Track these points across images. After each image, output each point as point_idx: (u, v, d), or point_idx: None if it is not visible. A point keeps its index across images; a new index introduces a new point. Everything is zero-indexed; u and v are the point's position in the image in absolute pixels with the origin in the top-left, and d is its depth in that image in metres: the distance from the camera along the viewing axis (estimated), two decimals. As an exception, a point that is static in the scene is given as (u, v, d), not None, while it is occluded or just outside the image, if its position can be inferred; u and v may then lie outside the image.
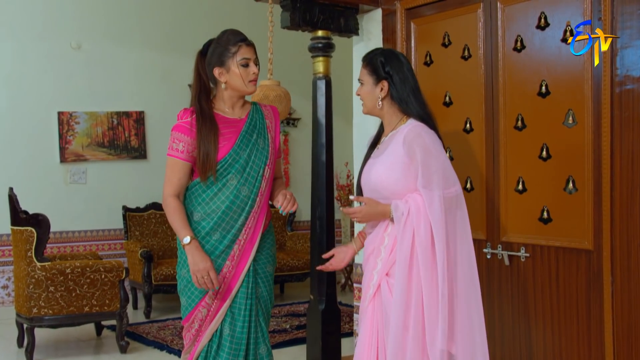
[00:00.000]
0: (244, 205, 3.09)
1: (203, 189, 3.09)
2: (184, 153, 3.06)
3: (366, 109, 3.06)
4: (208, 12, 8.13)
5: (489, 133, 3.90)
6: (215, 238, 3.08)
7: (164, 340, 6.01)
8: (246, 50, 3.09)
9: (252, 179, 3.11)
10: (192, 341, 3.17)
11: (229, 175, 3.07)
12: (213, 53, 3.11)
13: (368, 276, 2.97)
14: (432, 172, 2.82)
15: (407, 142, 2.85)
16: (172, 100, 7.93)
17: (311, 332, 4.44)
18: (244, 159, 3.09)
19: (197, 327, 3.13)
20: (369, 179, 2.97)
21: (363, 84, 3.02)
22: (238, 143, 3.10)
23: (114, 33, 7.65)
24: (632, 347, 3.35)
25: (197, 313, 3.11)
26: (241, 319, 3.11)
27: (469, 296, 2.91)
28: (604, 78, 3.39)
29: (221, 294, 3.10)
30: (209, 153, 3.02)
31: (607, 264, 3.41)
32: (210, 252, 3.07)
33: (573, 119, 3.54)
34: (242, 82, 3.09)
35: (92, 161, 7.54)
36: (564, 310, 3.62)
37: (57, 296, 5.43)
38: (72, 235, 7.45)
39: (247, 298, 3.13)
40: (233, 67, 3.07)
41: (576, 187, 3.54)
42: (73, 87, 7.47)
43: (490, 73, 3.90)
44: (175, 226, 3.06)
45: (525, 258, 3.75)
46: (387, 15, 4.49)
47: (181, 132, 3.07)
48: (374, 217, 2.95)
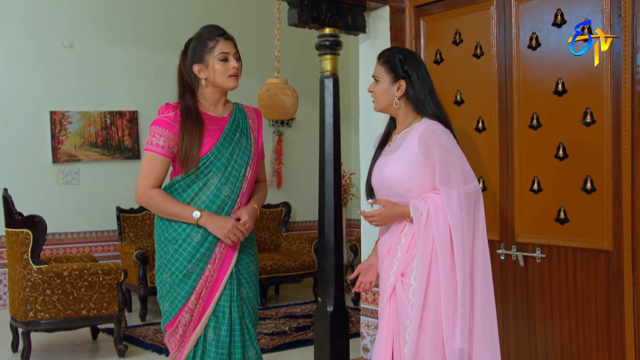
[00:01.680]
0: (224, 205, 2.97)
1: (184, 187, 2.95)
2: (164, 148, 2.91)
3: (379, 107, 2.99)
4: (201, 10, 7.99)
5: (502, 132, 3.81)
6: (196, 240, 2.93)
7: (162, 343, 5.86)
8: (224, 45, 2.95)
9: (234, 179, 2.98)
10: (177, 347, 3.04)
11: (211, 173, 2.94)
12: (192, 50, 2.99)
13: (385, 277, 2.90)
14: (451, 169, 2.77)
15: (423, 140, 2.80)
16: (166, 100, 7.63)
17: (319, 335, 4.33)
18: (226, 158, 2.96)
19: (182, 333, 3.00)
20: (382, 176, 2.90)
21: (379, 81, 2.95)
22: (221, 141, 2.97)
23: (106, 31, 7.48)
24: (653, 350, 3.28)
25: (181, 318, 2.97)
26: (226, 322, 2.99)
27: (483, 295, 2.84)
28: (624, 76, 3.31)
29: (204, 298, 2.97)
30: (192, 147, 2.89)
31: (629, 264, 3.33)
32: (192, 255, 2.94)
33: (591, 117, 3.45)
34: (222, 77, 2.95)
35: (85, 161, 7.37)
36: (582, 311, 3.53)
37: (54, 299, 5.26)
38: (65, 237, 7.28)
39: (231, 301, 3.00)
40: (211, 62, 2.94)
41: (594, 186, 3.45)
42: (65, 86, 7.29)
43: (504, 71, 3.81)
44: (173, 211, 2.91)
45: (541, 259, 3.66)
46: (394, 12, 4.39)
47: (162, 126, 2.92)
48: (392, 218, 2.87)
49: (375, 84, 2.97)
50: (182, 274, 2.94)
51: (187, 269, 2.93)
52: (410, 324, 2.75)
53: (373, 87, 2.99)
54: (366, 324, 4.62)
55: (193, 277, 2.94)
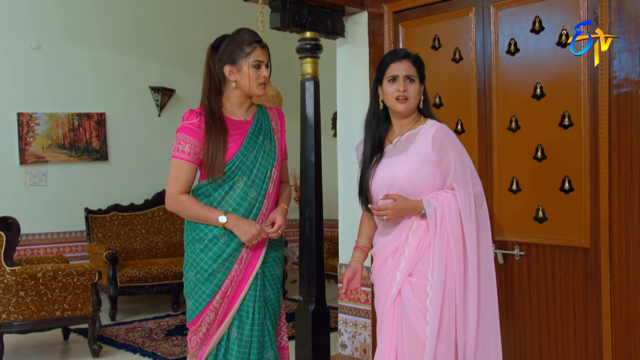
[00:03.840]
0: (251, 207, 2.92)
1: (210, 191, 2.91)
2: (190, 155, 2.87)
3: (410, 107, 2.83)
4: (168, 13, 7.85)
5: (481, 134, 3.82)
6: (222, 241, 2.89)
7: (134, 342, 5.72)
8: (260, 53, 2.90)
9: (260, 181, 2.93)
10: (200, 345, 2.98)
11: (236, 177, 2.89)
12: (226, 50, 2.92)
13: (390, 276, 2.79)
14: (466, 169, 2.74)
15: (438, 140, 2.74)
16: (133, 102, 7.64)
17: (300, 332, 4.27)
18: (251, 161, 2.91)
19: (205, 331, 2.94)
20: (392, 176, 2.79)
21: (414, 81, 2.82)
22: (245, 144, 2.92)
23: (74, 33, 7.25)
24: (630, 342, 3.32)
25: (205, 316, 2.92)
26: (249, 322, 2.94)
27: (489, 292, 2.79)
28: (602, 81, 3.35)
29: (229, 297, 2.92)
30: (217, 154, 2.84)
31: (606, 261, 3.36)
32: (218, 255, 2.89)
33: (569, 120, 3.48)
34: (252, 83, 2.90)
35: (53, 163, 7.13)
36: (560, 307, 3.56)
37: (28, 301, 5.07)
38: (33, 238, 7.02)
39: (255, 301, 2.95)
40: (245, 67, 2.88)
41: (572, 186, 3.48)
42: (33, 87, 7.04)
43: (482, 75, 3.81)
44: (201, 215, 2.87)
45: (520, 257, 3.68)
46: (372, 18, 4.36)
47: (188, 133, 2.87)
48: (405, 212, 2.75)
49: (411, 84, 2.81)
50: (207, 273, 2.88)
51: (213, 269, 2.88)
52: (430, 318, 2.65)
53: (410, 86, 2.81)
54: (344, 321, 4.58)
55: (219, 276, 2.88)
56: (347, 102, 4.57)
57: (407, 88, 2.80)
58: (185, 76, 7.65)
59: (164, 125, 7.65)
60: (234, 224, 2.84)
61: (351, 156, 4.50)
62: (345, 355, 4.55)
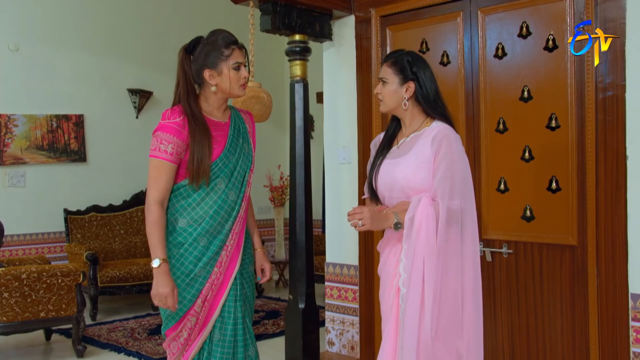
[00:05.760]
0: (230, 210, 2.81)
1: (189, 192, 2.77)
2: (172, 155, 2.70)
3: (386, 108, 2.83)
4: (146, 16, 7.70)
5: (469, 136, 3.80)
6: (202, 244, 2.76)
7: (118, 342, 5.58)
8: (239, 54, 2.79)
9: (238, 184, 2.84)
10: (181, 350, 2.84)
11: (218, 179, 2.77)
12: (202, 53, 2.78)
13: (392, 273, 2.75)
14: (447, 182, 2.62)
15: (437, 141, 2.67)
16: (111, 104, 7.48)
17: (290, 331, 4.20)
18: (233, 163, 2.81)
19: (186, 336, 2.81)
20: (394, 178, 2.74)
21: (387, 82, 2.80)
22: (228, 147, 2.81)
23: (52, 35, 7.07)
24: (616, 336, 3.33)
25: (186, 322, 2.79)
26: (231, 322, 2.83)
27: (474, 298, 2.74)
28: (588, 85, 3.36)
29: (209, 301, 2.80)
30: (203, 158, 2.71)
31: (593, 258, 3.37)
32: (198, 259, 2.76)
33: (556, 122, 3.49)
34: (234, 85, 2.79)
35: (31, 164, 6.93)
36: (547, 303, 3.56)
37: (12, 302, 4.90)
38: (12, 239, 6.81)
39: (236, 301, 2.85)
40: (225, 70, 2.76)
41: (560, 186, 3.49)
42: (11, 89, 6.83)
43: (470, 79, 3.80)
44: (151, 242, 2.70)
45: (508, 254, 3.67)
46: (360, 22, 4.32)
47: (170, 133, 2.70)
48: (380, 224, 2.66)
49: (382, 86, 2.82)
50: (188, 278, 2.75)
51: (194, 273, 2.74)
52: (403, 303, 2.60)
53: (380, 89, 2.83)
54: (331, 318, 4.52)
55: (199, 280, 2.75)
56: (333, 104, 4.51)
57: (380, 90, 2.81)
58: (163, 78, 7.50)
59: (141, 127, 7.50)
60: (158, 273, 2.67)
61: (338, 157, 4.46)
62: (333, 352, 4.50)
